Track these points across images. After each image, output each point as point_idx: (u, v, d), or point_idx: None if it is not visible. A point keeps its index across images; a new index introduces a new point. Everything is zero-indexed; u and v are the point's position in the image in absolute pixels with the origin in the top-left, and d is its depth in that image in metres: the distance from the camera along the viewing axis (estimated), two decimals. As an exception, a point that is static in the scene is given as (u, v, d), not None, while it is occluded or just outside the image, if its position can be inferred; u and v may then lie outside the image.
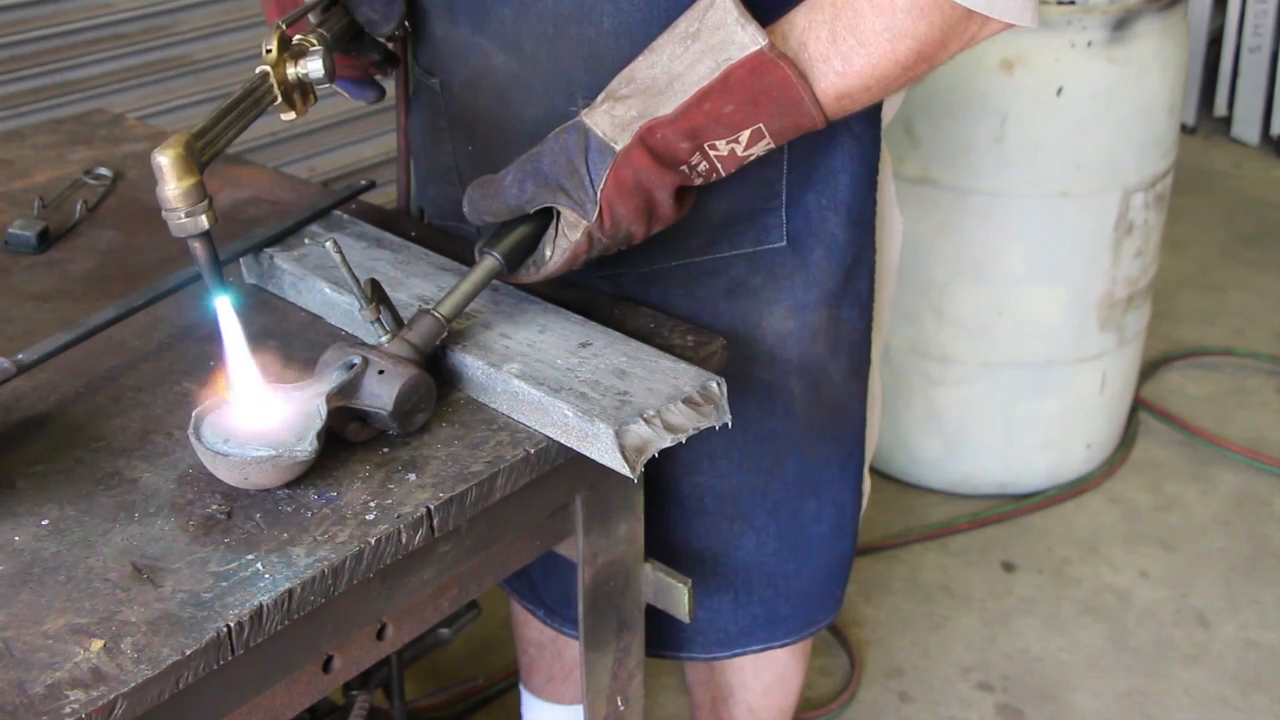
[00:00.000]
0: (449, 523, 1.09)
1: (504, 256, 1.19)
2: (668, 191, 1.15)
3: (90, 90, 2.38)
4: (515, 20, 1.26)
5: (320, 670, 1.10)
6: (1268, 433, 3.10)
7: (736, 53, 1.11)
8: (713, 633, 1.53)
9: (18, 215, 1.53)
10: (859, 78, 1.13)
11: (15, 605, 0.96)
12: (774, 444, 1.44)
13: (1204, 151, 4.60)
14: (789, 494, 1.47)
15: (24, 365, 1.18)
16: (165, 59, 2.48)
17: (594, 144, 1.13)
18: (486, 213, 1.20)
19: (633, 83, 1.14)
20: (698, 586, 1.47)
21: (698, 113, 1.12)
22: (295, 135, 2.71)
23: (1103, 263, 2.68)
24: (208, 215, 1.08)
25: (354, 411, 1.11)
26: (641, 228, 1.17)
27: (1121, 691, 2.39)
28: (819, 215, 1.36)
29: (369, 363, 1.12)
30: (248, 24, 2.57)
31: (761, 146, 1.15)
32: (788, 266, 1.37)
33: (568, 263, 1.19)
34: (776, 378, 1.40)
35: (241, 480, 1.05)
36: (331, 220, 1.45)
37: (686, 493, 1.44)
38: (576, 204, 1.14)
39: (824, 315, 1.40)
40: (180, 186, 1.08)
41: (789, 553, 1.50)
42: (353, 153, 2.80)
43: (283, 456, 1.05)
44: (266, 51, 1.18)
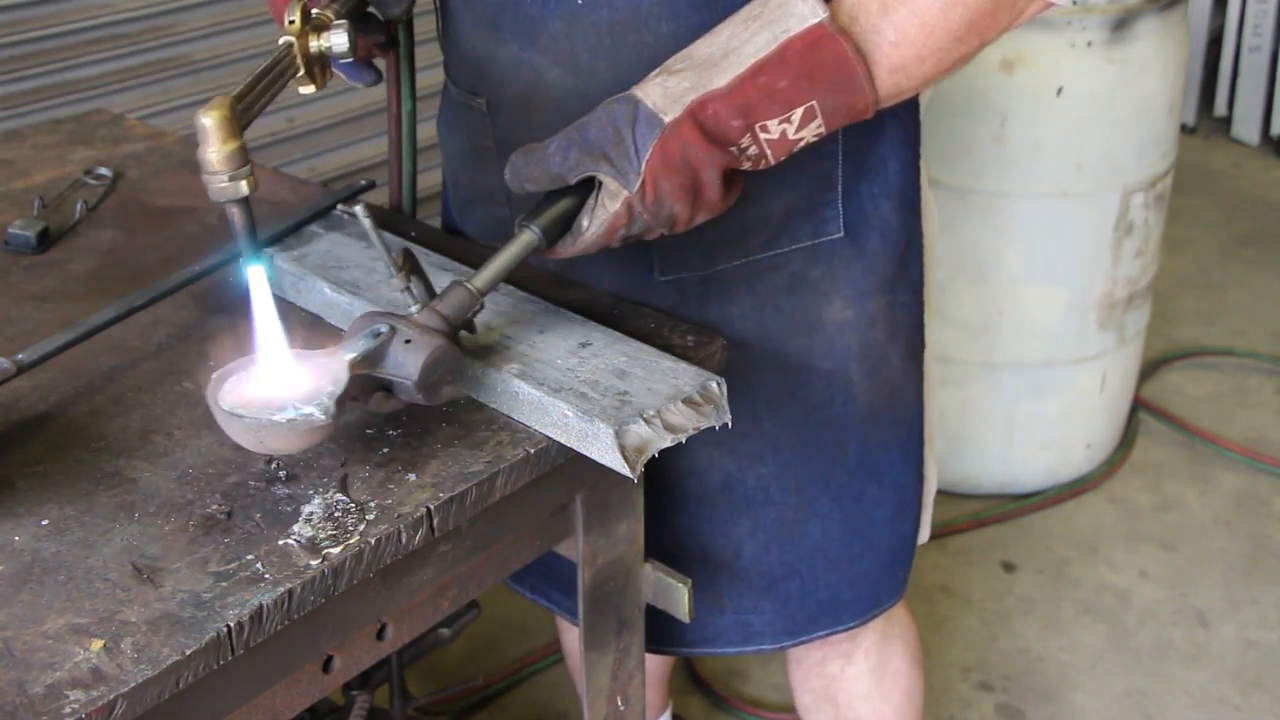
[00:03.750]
0: (449, 523, 1.09)
1: (542, 230, 1.15)
2: (715, 171, 1.12)
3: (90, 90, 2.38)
4: (568, 33, 1.25)
5: (320, 670, 1.10)
6: (1268, 433, 3.10)
7: (795, 25, 1.09)
8: (781, 621, 1.53)
9: (18, 215, 1.53)
10: (913, 48, 1.11)
11: (15, 605, 0.96)
12: (836, 431, 1.44)
13: (1204, 151, 4.60)
14: (851, 480, 1.47)
15: (24, 365, 1.18)
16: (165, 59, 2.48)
17: (643, 114, 1.10)
18: (528, 180, 1.16)
19: (689, 59, 1.13)
20: (763, 577, 1.50)
21: (752, 86, 1.10)
22: (295, 135, 2.71)
23: (1102, 263, 2.68)
24: (248, 181, 1.05)
25: (378, 381, 1.08)
26: (686, 209, 1.14)
27: (1121, 691, 2.39)
28: (872, 203, 1.37)
29: (396, 331, 1.09)
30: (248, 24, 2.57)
31: (812, 129, 1.13)
32: (845, 256, 1.37)
33: (605, 235, 1.15)
34: (836, 366, 1.41)
35: (257, 444, 1.04)
36: (331, 220, 1.45)
37: (752, 485, 1.44)
38: (619, 173, 1.11)
39: (881, 301, 1.41)
40: (224, 150, 1.04)
41: (853, 537, 1.50)
42: (353, 153, 2.80)
43: (299, 421, 1.02)
44: (289, 22, 1.17)
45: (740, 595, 1.50)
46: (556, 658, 2.40)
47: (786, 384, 1.41)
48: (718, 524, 1.46)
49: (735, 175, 1.15)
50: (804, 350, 1.39)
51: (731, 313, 1.37)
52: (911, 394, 1.50)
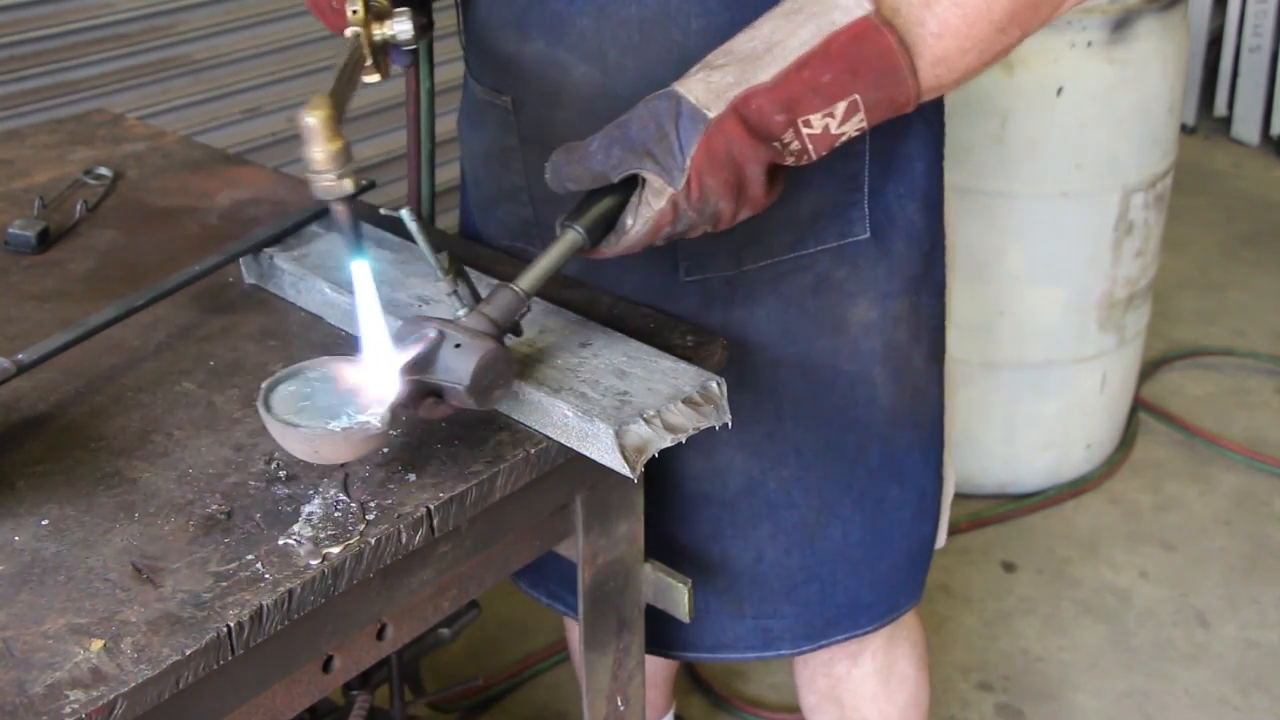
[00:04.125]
0: (449, 523, 1.09)
1: (586, 230, 1.13)
2: (760, 167, 1.10)
3: (90, 90, 2.38)
4: (596, 29, 1.24)
5: (320, 670, 1.10)
6: (1268, 433, 3.10)
7: (841, 17, 1.08)
8: (801, 625, 1.52)
9: (18, 215, 1.53)
10: (955, 39, 1.10)
11: (15, 605, 0.96)
12: (859, 433, 1.44)
13: (1204, 151, 4.61)
14: (873, 482, 1.47)
15: (24, 365, 1.18)
16: (165, 59, 2.48)
17: (686, 110, 1.09)
18: (569, 178, 1.14)
19: (730, 54, 1.11)
20: (784, 581, 1.48)
21: (796, 80, 1.08)
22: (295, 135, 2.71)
23: (1103, 263, 2.68)
24: (353, 179, 1.05)
25: (429, 386, 1.06)
26: (730, 206, 1.12)
27: (1121, 691, 2.39)
28: (898, 204, 1.37)
29: (445, 336, 1.07)
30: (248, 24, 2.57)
31: (854, 124, 1.11)
32: (871, 257, 1.37)
33: (649, 233, 1.13)
34: (860, 367, 1.41)
35: (311, 454, 1.03)
36: (332, 220, 1.44)
37: (775, 488, 1.44)
38: (664, 170, 1.09)
39: (906, 303, 1.41)
40: (329, 149, 1.04)
41: (874, 540, 1.50)
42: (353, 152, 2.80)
43: (354, 430, 1.01)
44: (353, 12, 1.16)
45: (760, 600, 1.50)
46: (558, 658, 2.41)
47: (811, 386, 1.40)
48: (739, 527, 1.46)
49: (777, 171, 1.14)
50: (829, 351, 1.39)
51: (756, 314, 1.37)
52: (933, 396, 1.50)
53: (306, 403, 1.05)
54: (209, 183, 1.65)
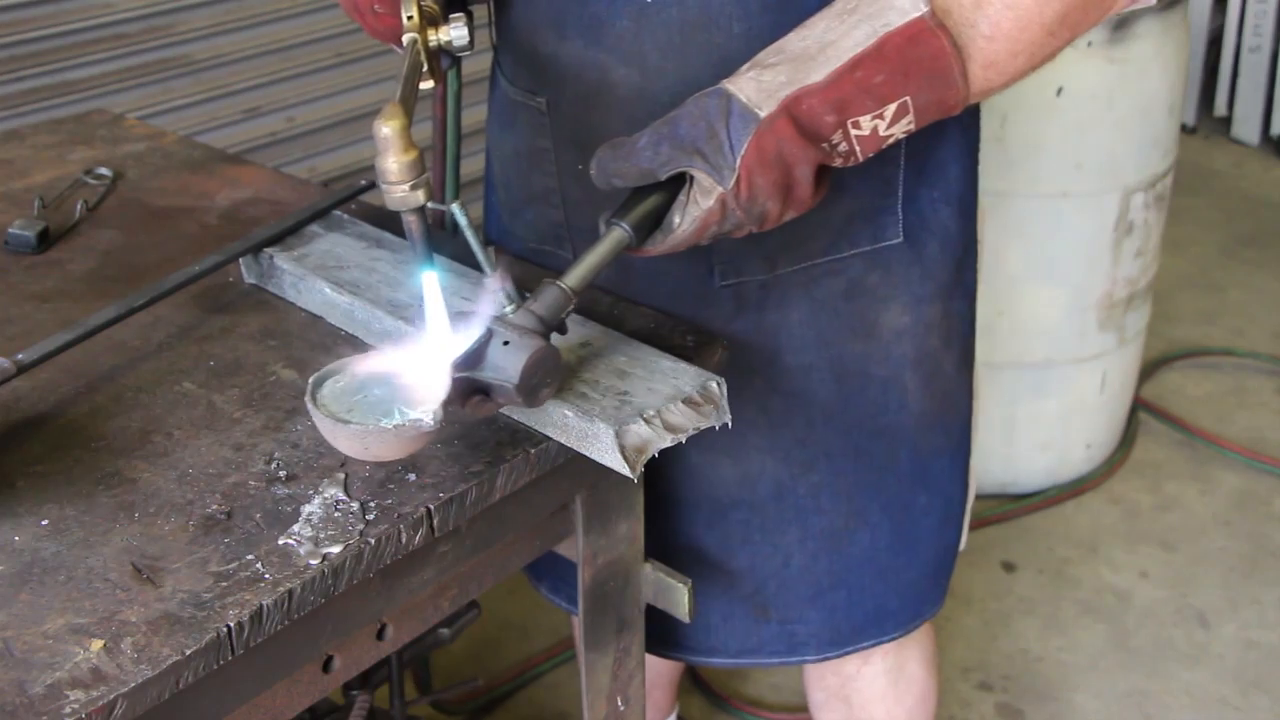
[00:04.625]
0: (449, 523, 1.09)
1: (632, 227, 1.11)
2: (809, 168, 1.09)
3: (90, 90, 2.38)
4: (636, 31, 1.23)
5: (320, 670, 1.10)
6: (1268, 433, 3.10)
7: (896, 19, 1.07)
8: (827, 631, 1.51)
9: (18, 215, 1.53)
10: (1007, 42, 1.10)
11: (15, 605, 0.96)
12: (888, 439, 1.43)
13: (1204, 151, 4.60)
14: (902, 488, 1.47)
15: (24, 365, 1.18)
16: (165, 59, 2.48)
17: (736, 109, 1.07)
18: (615, 175, 1.13)
19: (782, 53, 1.10)
20: (811, 587, 1.47)
21: (848, 81, 1.07)
22: (295, 135, 2.71)
23: (1102, 263, 2.68)
24: (426, 190, 1.04)
25: (477, 383, 1.04)
26: (777, 206, 1.11)
27: (1121, 691, 2.39)
28: (932, 209, 1.36)
29: (493, 333, 1.05)
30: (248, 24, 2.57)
31: (902, 126, 1.10)
32: (903, 262, 1.36)
33: (697, 232, 1.12)
34: (892, 373, 1.40)
35: (362, 451, 1.01)
36: (331, 220, 1.45)
37: (804, 493, 1.43)
38: (713, 169, 1.08)
39: (938, 308, 1.41)
40: (404, 159, 1.03)
41: (901, 546, 1.49)
42: (352, 153, 2.80)
43: (406, 427, 1.00)
44: (408, 18, 1.14)
45: (786, 605, 1.49)
46: (560, 659, 2.40)
47: (842, 391, 1.39)
48: (768, 532, 1.45)
49: (824, 172, 1.13)
50: (860, 356, 1.38)
51: (790, 318, 1.36)
52: (963, 402, 1.49)
53: (355, 398, 1.03)
54: (209, 183, 1.65)
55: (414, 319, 1.20)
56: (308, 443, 1.14)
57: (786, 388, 1.39)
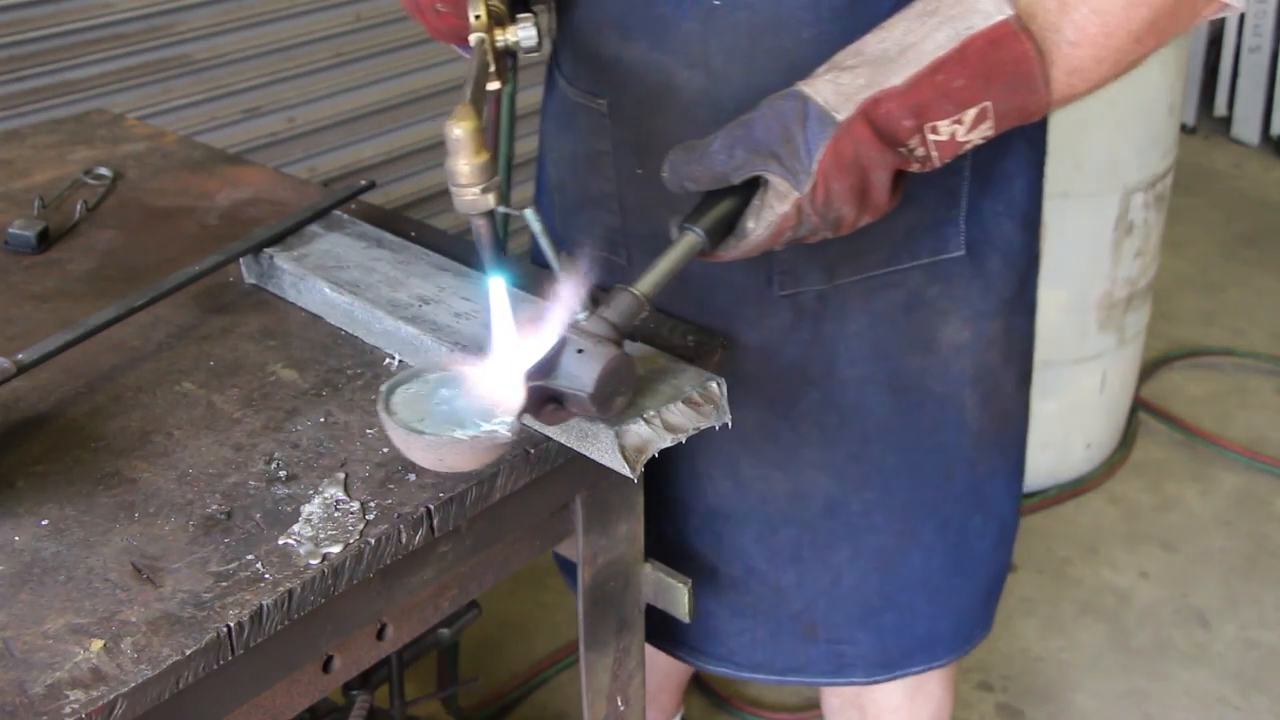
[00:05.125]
0: (449, 523, 1.09)
1: (706, 232, 1.08)
2: (885, 173, 1.07)
3: (90, 90, 2.37)
4: (702, 35, 1.21)
5: (320, 670, 1.10)
6: (1268, 433, 3.10)
7: (979, 22, 1.04)
8: (876, 654, 1.49)
9: (18, 215, 1.53)
10: (1092, 48, 1.07)
11: (15, 605, 0.96)
12: (944, 457, 1.40)
13: (1204, 151, 4.61)
14: (957, 508, 1.44)
15: (24, 365, 1.18)
16: (165, 59, 2.48)
17: (813, 112, 1.04)
18: (688, 178, 1.10)
19: (860, 55, 1.07)
20: (861, 607, 1.45)
21: (928, 85, 1.04)
22: (295, 135, 2.71)
23: (1103, 263, 2.68)
24: (496, 193, 1.01)
25: (551, 392, 1.02)
26: (852, 212, 1.08)
27: (1121, 691, 2.39)
28: (995, 222, 1.33)
29: (567, 341, 1.02)
30: (248, 24, 2.57)
31: (981, 132, 1.07)
32: (965, 275, 1.34)
33: (771, 237, 1.08)
34: (950, 389, 1.37)
35: (436, 462, 0.99)
36: (331, 220, 1.45)
37: (856, 511, 1.40)
38: (789, 173, 1.05)
39: (999, 324, 1.38)
40: (475, 162, 0.99)
41: (954, 569, 1.46)
42: (353, 153, 2.80)
43: (482, 439, 0.97)
44: (476, 17, 1.12)
45: (835, 624, 1.46)
46: (564, 664, 2.40)
47: (898, 406, 1.37)
48: (818, 549, 1.43)
49: (900, 177, 1.10)
50: (918, 371, 1.36)
51: (847, 330, 1.34)
52: (1021, 421, 1.46)
53: (428, 407, 1.00)
54: (209, 183, 1.65)
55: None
56: (308, 443, 1.14)
57: (842, 401, 1.36)
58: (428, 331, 1.23)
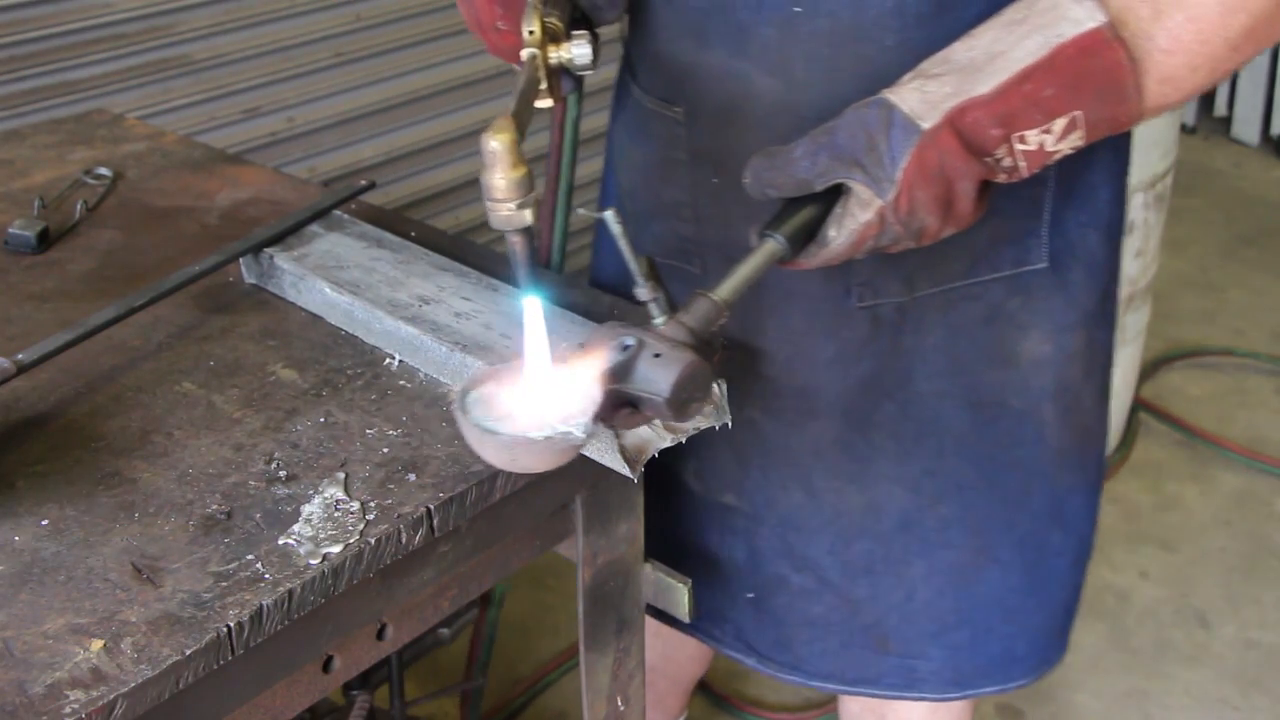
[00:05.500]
0: (449, 523, 1.09)
1: (787, 239, 1.07)
2: (971, 183, 1.05)
3: (90, 90, 2.37)
4: (781, 42, 1.20)
5: (320, 670, 1.10)
6: (1268, 433, 3.10)
7: (1070, 29, 1.02)
8: (948, 671, 1.46)
9: (18, 215, 1.53)
10: (1186, 56, 1.03)
11: (15, 605, 0.96)
12: (1023, 473, 1.39)
13: (1204, 151, 4.61)
14: (1036, 525, 1.42)
15: (24, 365, 1.18)
16: (165, 59, 2.47)
17: (898, 120, 1.03)
18: (770, 185, 1.08)
19: (947, 63, 1.06)
20: (934, 623, 1.43)
21: (1016, 94, 1.03)
22: (295, 135, 2.70)
23: (1103, 263, 2.67)
24: (532, 209, 0.99)
25: (626, 396, 1.01)
26: (936, 221, 1.06)
27: (1121, 691, 2.39)
28: (1079, 234, 1.32)
29: (644, 345, 1.00)
30: (248, 24, 2.57)
31: (1071, 142, 1.06)
32: (1046, 288, 1.32)
33: (853, 246, 1.07)
34: (1030, 404, 1.36)
35: (509, 462, 0.98)
36: (331, 220, 1.45)
37: (932, 526, 1.39)
38: (872, 181, 1.04)
39: (1082, 337, 1.36)
40: (512, 176, 0.97)
41: (1032, 588, 1.44)
42: (353, 153, 2.80)
43: (555, 439, 0.96)
44: (529, 33, 1.10)
45: (908, 639, 1.45)
46: (568, 666, 2.40)
47: (976, 420, 1.35)
48: (892, 564, 1.41)
49: (985, 187, 1.09)
50: (998, 386, 1.34)
51: (925, 343, 1.32)
52: (1100, 436, 1.44)
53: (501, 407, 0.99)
54: (209, 183, 1.65)
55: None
56: (308, 443, 1.14)
57: (919, 414, 1.35)
58: (428, 331, 1.23)
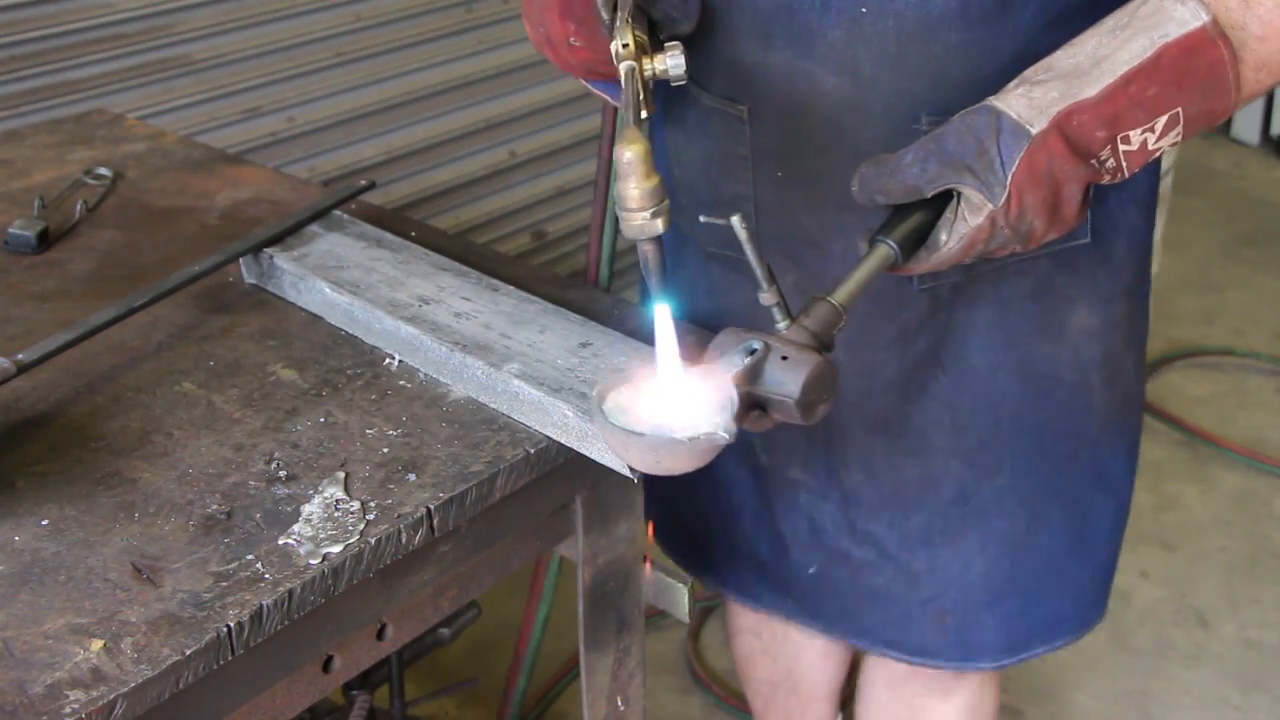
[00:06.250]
0: (449, 523, 1.09)
1: (898, 245, 1.10)
2: (1078, 186, 1.08)
3: (90, 90, 2.37)
4: (849, 42, 1.22)
5: (320, 670, 1.10)
6: (1268, 433, 3.10)
7: (1174, 30, 1.04)
8: (1003, 638, 1.50)
9: (18, 215, 1.53)
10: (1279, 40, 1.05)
11: (15, 605, 0.96)
12: (1072, 441, 1.43)
13: (1204, 151, 4.61)
14: (1083, 489, 1.46)
15: (24, 365, 1.18)
16: (165, 59, 2.47)
17: (1007, 126, 1.06)
18: (879, 191, 1.11)
19: (1051, 69, 1.08)
20: (989, 593, 1.47)
21: (1122, 96, 1.05)
22: (295, 135, 2.70)
23: (1103, 263, 2.67)
24: (665, 218, 1.00)
25: (755, 399, 1.03)
26: (1043, 224, 1.09)
27: (1121, 691, 2.39)
28: (1120, 208, 1.35)
29: (770, 348, 1.04)
30: (248, 24, 2.57)
31: (1171, 138, 1.08)
32: (1090, 262, 1.35)
33: (964, 250, 1.10)
34: (1080, 375, 1.39)
35: (653, 464, 1.00)
36: (331, 220, 1.45)
37: (988, 497, 1.42)
38: (984, 186, 1.06)
39: (1124, 308, 1.40)
40: (645, 186, 0.98)
41: (1078, 549, 1.49)
42: (353, 153, 2.80)
43: (700, 440, 0.98)
44: (624, 46, 1.11)
45: (965, 610, 1.48)
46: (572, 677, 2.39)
47: (1029, 393, 1.38)
48: (949, 535, 1.44)
49: (1088, 190, 1.11)
50: (1049, 358, 1.38)
51: (977, 318, 1.35)
52: (1139, 400, 1.49)
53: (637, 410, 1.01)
54: (209, 183, 1.65)
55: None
56: (308, 443, 1.14)
57: (973, 387, 1.38)
58: (427, 331, 1.24)
